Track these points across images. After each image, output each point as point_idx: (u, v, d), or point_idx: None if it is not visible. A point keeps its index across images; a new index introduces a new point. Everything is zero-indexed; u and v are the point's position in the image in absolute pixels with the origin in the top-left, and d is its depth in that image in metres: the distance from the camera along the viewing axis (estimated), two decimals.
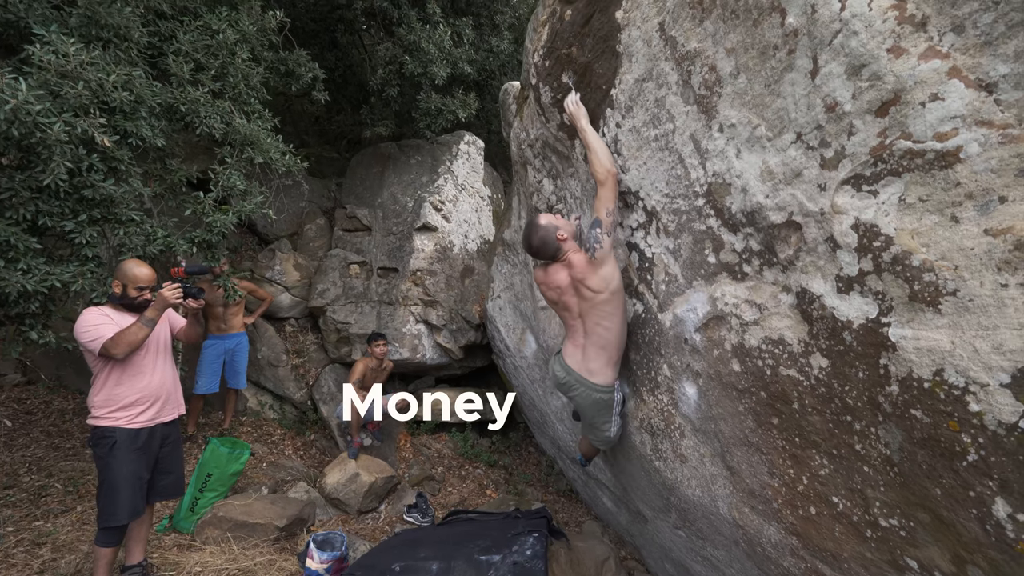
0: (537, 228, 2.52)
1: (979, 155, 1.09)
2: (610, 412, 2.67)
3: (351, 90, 7.56)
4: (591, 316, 2.47)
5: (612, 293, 2.41)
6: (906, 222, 1.23)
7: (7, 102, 2.61)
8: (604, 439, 2.81)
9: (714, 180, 1.89)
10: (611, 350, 2.50)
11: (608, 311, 2.43)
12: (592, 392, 2.56)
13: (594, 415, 2.68)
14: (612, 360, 2.53)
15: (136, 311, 2.98)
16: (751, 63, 1.61)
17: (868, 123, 1.28)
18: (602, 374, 2.53)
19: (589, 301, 2.45)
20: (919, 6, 1.16)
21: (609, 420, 2.69)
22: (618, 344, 2.50)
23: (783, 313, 1.66)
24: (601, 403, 2.59)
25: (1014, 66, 1.04)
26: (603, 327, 2.45)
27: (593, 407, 2.63)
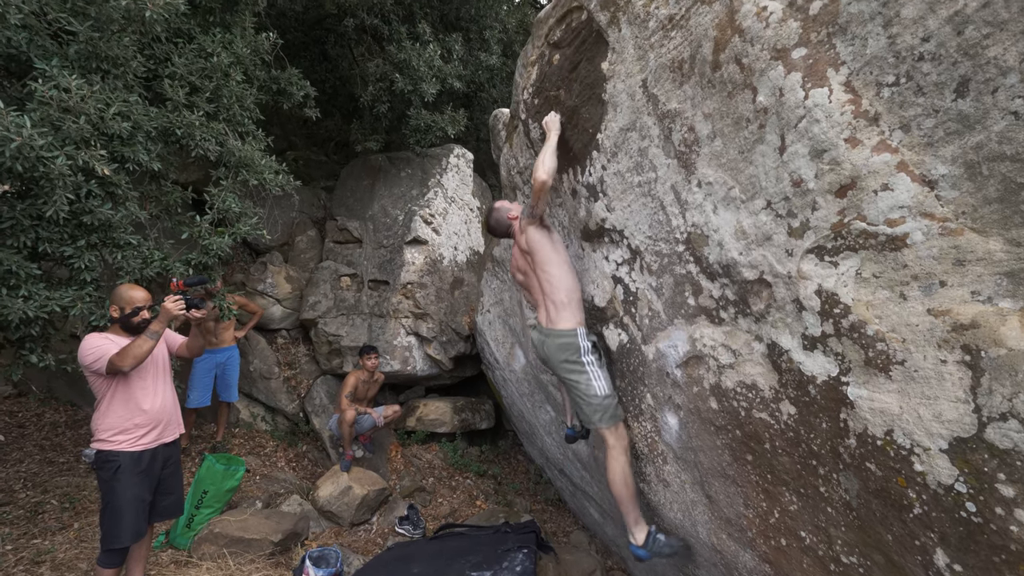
0: (493, 210, 3.09)
1: (923, 243, 1.22)
2: (578, 356, 2.65)
3: (341, 100, 7.64)
4: (541, 277, 2.77)
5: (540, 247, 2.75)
6: (862, 294, 1.36)
7: (12, 140, 2.67)
8: (595, 400, 2.63)
9: (693, 230, 2.02)
10: (564, 300, 2.71)
11: (550, 270, 2.73)
12: (557, 339, 2.69)
13: (569, 372, 2.68)
14: (568, 309, 2.72)
15: (136, 332, 3.05)
16: (726, 130, 1.74)
17: (829, 201, 1.41)
18: (562, 320, 2.70)
19: (535, 265, 2.79)
20: (872, 103, 1.30)
21: (583, 370, 2.64)
22: (568, 292, 2.72)
23: (756, 360, 1.80)
24: (568, 347, 2.65)
25: (951, 168, 1.17)
26: (551, 285, 2.73)
27: (561, 355, 2.68)
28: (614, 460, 2.60)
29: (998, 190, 1.10)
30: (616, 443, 2.62)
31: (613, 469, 2.60)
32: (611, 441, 2.62)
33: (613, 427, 2.64)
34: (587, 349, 2.69)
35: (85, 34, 3.10)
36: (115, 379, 2.97)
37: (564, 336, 2.67)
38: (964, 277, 1.17)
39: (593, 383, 2.64)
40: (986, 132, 1.10)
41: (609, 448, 2.63)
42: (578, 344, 2.66)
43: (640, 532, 2.60)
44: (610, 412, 2.64)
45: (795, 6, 1.42)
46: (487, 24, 7.15)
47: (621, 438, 2.64)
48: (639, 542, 2.58)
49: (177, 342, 3.42)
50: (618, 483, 2.58)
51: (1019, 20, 1.00)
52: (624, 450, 2.62)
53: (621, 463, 2.59)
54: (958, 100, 1.14)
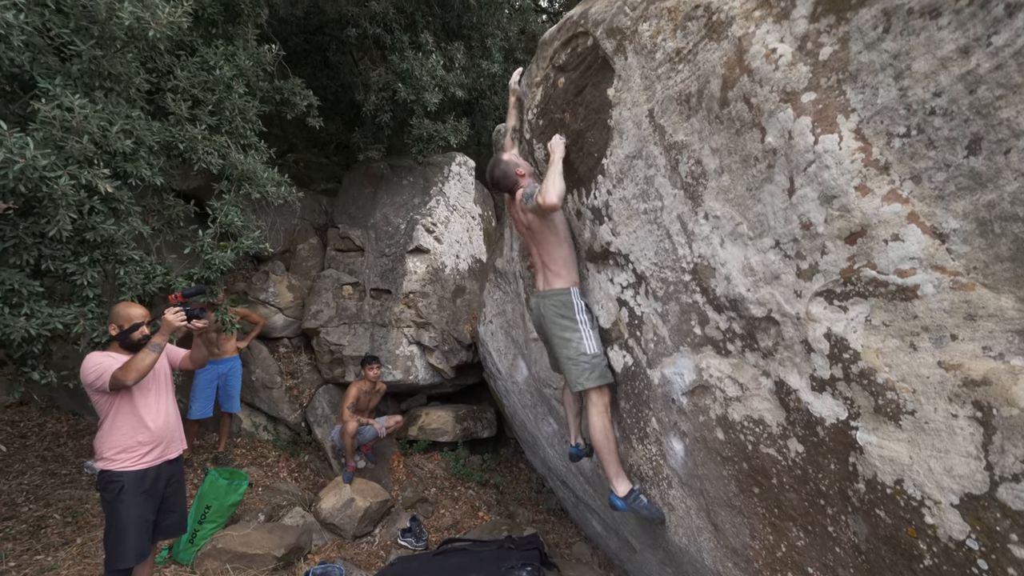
0: (499, 162, 2.97)
1: (934, 295, 1.22)
2: (573, 313, 2.79)
3: (343, 107, 7.64)
4: (540, 250, 2.90)
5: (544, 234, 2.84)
6: (872, 341, 1.36)
7: (16, 162, 2.67)
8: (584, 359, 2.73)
9: (700, 261, 2.02)
10: (560, 266, 2.88)
11: (548, 248, 2.87)
12: (553, 298, 2.84)
13: (562, 330, 2.79)
14: (561, 272, 2.87)
15: (136, 349, 3.04)
16: (734, 166, 1.74)
17: (839, 247, 1.41)
18: (558, 282, 2.87)
19: (533, 238, 2.89)
20: (882, 152, 1.29)
21: (577, 328, 2.77)
22: (563, 261, 2.88)
23: (763, 396, 1.80)
24: (563, 304, 2.81)
25: (963, 223, 1.17)
26: (550, 257, 2.87)
27: (557, 312, 2.82)
28: (596, 416, 2.75)
29: (1010, 249, 1.10)
30: (599, 401, 2.76)
31: (595, 425, 2.75)
32: (595, 399, 2.76)
33: (598, 388, 2.76)
34: (581, 308, 2.84)
35: (88, 53, 3.09)
36: (118, 397, 2.96)
37: (559, 295, 2.83)
38: (976, 332, 1.17)
39: (584, 341, 2.76)
40: (998, 191, 1.10)
41: (592, 405, 2.77)
42: (572, 301, 2.81)
43: (622, 485, 2.74)
44: (598, 371, 2.75)
45: (805, 50, 1.42)
46: (489, 31, 7.14)
47: (604, 395, 2.77)
48: (620, 494, 2.73)
49: (180, 356, 3.41)
50: (599, 437, 2.74)
51: None
52: (605, 407, 2.77)
53: (603, 419, 2.74)
54: (970, 157, 1.14)
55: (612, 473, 2.76)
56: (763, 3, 1.52)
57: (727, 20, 1.63)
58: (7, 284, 3.07)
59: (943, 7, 1.11)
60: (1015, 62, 1.02)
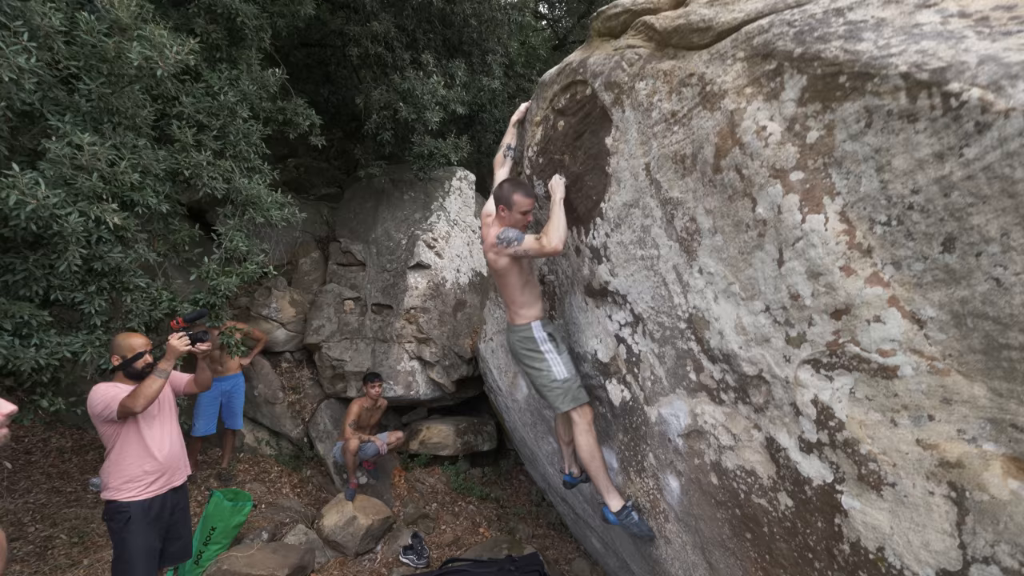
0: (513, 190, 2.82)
1: (912, 377, 1.29)
2: (536, 345, 2.88)
3: (343, 119, 7.72)
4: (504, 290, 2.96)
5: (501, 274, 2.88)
6: (856, 412, 1.43)
7: (28, 203, 2.74)
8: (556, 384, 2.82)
9: (695, 312, 2.09)
10: (519, 305, 2.94)
11: (510, 291, 2.92)
12: (516, 333, 2.96)
13: (531, 361, 2.90)
14: (521, 310, 2.95)
15: (140, 378, 3.09)
16: (727, 228, 1.81)
17: (825, 320, 1.48)
18: (519, 318, 2.95)
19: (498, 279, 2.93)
20: (865, 236, 1.36)
21: (544, 358, 2.86)
22: (524, 300, 2.94)
23: (755, 448, 1.87)
24: (528, 340, 2.91)
25: (939, 313, 1.24)
26: (511, 296, 2.93)
27: (523, 347, 2.94)
28: (580, 435, 2.82)
29: (982, 343, 1.17)
30: (580, 420, 2.82)
31: (580, 444, 2.82)
32: (576, 419, 2.83)
33: (578, 408, 2.83)
34: (543, 339, 2.92)
35: (97, 91, 3.15)
36: (124, 426, 3.02)
37: (521, 331, 2.94)
38: (951, 415, 1.24)
39: (553, 368, 2.85)
40: (971, 289, 1.17)
41: (575, 425, 2.84)
42: (533, 336, 2.90)
43: (615, 501, 2.84)
44: (571, 395, 2.83)
45: (793, 131, 1.49)
46: (489, 47, 7.20)
47: (585, 415, 2.84)
48: (613, 509, 2.83)
49: (183, 381, 3.47)
50: (586, 455, 2.82)
51: (1000, 199, 1.07)
52: (588, 426, 2.83)
53: (587, 437, 2.81)
54: (945, 254, 1.20)
55: (603, 488, 2.85)
56: (754, 81, 1.58)
57: (720, 92, 1.70)
58: (17, 317, 3.13)
59: (920, 114, 1.17)
60: (984, 176, 1.09)
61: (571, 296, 3.30)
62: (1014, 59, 1.03)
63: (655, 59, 2.07)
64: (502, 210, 2.82)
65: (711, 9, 1.79)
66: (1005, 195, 1.06)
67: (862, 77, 1.27)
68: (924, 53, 1.16)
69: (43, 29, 2.93)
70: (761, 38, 1.55)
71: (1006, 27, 1.11)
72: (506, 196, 2.79)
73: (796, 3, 1.52)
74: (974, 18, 1.18)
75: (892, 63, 1.20)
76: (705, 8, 1.82)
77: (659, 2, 2.14)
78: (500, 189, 2.87)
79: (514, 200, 2.77)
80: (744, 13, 1.67)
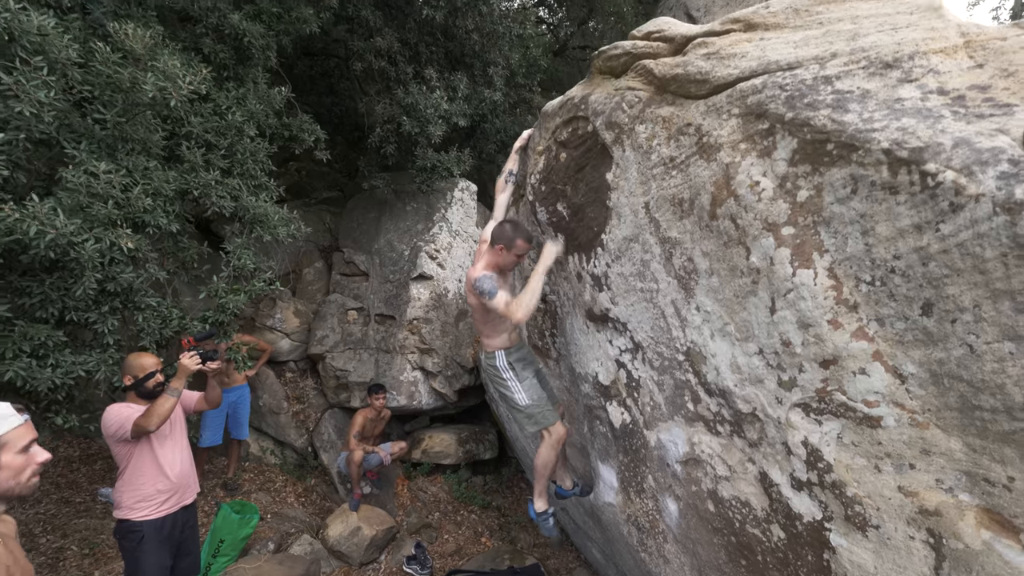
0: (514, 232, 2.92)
1: (895, 428, 1.38)
2: (500, 373, 3.09)
3: (347, 129, 7.81)
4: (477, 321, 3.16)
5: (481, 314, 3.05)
6: (843, 456, 1.52)
7: (47, 233, 2.82)
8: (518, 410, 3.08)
9: (692, 346, 2.18)
10: (484, 332, 3.17)
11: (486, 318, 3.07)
12: (486, 361, 3.19)
13: (499, 386, 3.14)
14: (485, 338, 3.18)
15: (152, 398, 3.17)
16: (723, 272, 1.90)
17: (814, 368, 1.57)
18: (489, 346, 3.18)
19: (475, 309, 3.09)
20: (852, 292, 1.45)
21: (508, 385, 3.08)
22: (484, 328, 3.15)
23: (749, 481, 1.96)
24: (493, 367, 3.14)
25: (919, 370, 1.33)
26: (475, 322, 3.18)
27: (492, 373, 3.18)
28: (544, 448, 3.11)
29: (957, 402, 1.26)
30: (548, 438, 3.08)
31: (541, 454, 3.12)
32: (544, 436, 3.09)
33: (546, 429, 3.07)
34: (504, 367, 3.12)
35: (113, 120, 3.24)
36: (137, 446, 3.09)
37: (490, 358, 3.16)
38: (930, 465, 1.33)
39: (517, 395, 3.07)
40: (947, 352, 1.25)
41: (542, 440, 3.11)
42: (497, 364, 3.11)
43: (542, 504, 3.25)
44: (535, 419, 3.06)
45: (785, 189, 1.58)
46: (491, 59, 7.28)
47: (552, 433, 3.07)
48: (538, 509, 3.26)
49: (193, 399, 3.55)
50: (540, 464, 3.14)
51: (972, 274, 1.16)
52: (555, 444, 3.08)
53: (550, 452, 3.10)
54: (923, 317, 1.29)
55: (537, 493, 3.25)
56: (748, 138, 1.67)
57: (716, 145, 1.78)
58: (35, 339, 3.22)
59: (900, 188, 1.26)
60: (958, 252, 1.17)
61: (572, 317, 3.39)
62: (985, 145, 1.12)
63: (654, 103, 2.15)
64: (500, 248, 2.91)
65: (708, 62, 1.88)
66: (976, 271, 1.15)
67: (848, 147, 1.36)
68: (904, 131, 1.25)
69: (61, 61, 3.01)
70: (755, 98, 1.63)
71: (979, 109, 1.20)
72: (509, 238, 2.88)
73: (788, 66, 1.61)
74: (951, 96, 1.27)
75: (875, 138, 1.28)
76: (702, 61, 1.90)
77: (658, 47, 2.22)
78: (503, 229, 2.93)
79: (516, 244, 2.88)
80: (739, 70, 1.75)
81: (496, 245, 2.94)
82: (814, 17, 1.72)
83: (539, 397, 3.08)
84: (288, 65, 6.46)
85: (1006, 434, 1.17)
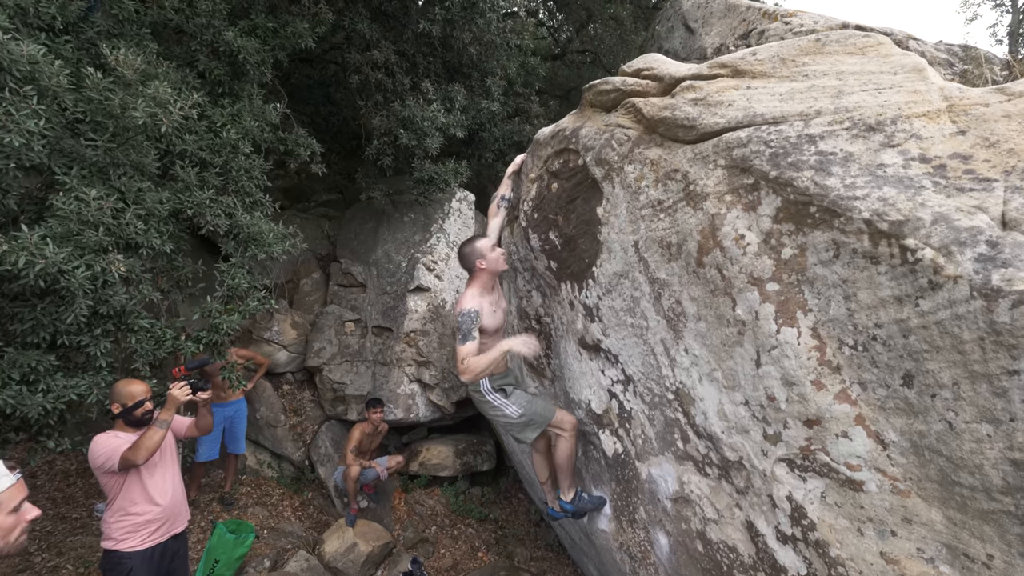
0: (469, 243, 3.14)
1: (877, 493, 1.37)
2: (487, 398, 3.09)
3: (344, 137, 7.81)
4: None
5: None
6: (826, 516, 1.51)
7: (37, 263, 2.82)
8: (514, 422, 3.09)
9: (681, 387, 2.17)
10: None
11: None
12: (472, 389, 3.16)
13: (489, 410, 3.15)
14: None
15: (140, 426, 3.15)
16: (710, 318, 1.89)
17: (798, 426, 1.56)
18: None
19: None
20: (835, 355, 1.44)
21: (496, 406, 3.08)
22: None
23: (736, 527, 1.95)
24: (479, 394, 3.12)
25: (900, 438, 1.32)
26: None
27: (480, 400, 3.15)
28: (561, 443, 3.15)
29: (938, 475, 1.25)
30: (560, 432, 3.12)
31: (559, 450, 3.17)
32: (555, 433, 3.14)
33: (552, 425, 3.09)
34: (488, 390, 3.10)
35: (104, 145, 3.23)
36: (127, 476, 3.06)
37: (473, 388, 3.14)
38: (911, 534, 1.32)
39: (507, 410, 3.06)
40: (927, 425, 1.25)
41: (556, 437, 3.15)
42: (481, 388, 3.09)
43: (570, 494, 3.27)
44: (535, 422, 3.06)
45: (769, 245, 1.57)
46: (489, 69, 7.27)
47: (563, 425, 3.12)
48: (568, 499, 3.27)
49: (184, 425, 3.52)
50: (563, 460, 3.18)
51: (951, 352, 1.15)
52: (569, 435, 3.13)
53: (566, 446, 3.14)
54: (904, 387, 1.28)
55: (565, 486, 3.26)
56: (734, 191, 1.66)
57: (702, 194, 1.77)
58: (25, 366, 3.21)
59: (881, 259, 1.25)
60: (937, 329, 1.17)
61: (567, 343, 3.38)
62: (964, 224, 1.11)
63: (643, 143, 2.14)
64: (480, 263, 3.00)
65: (695, 108, 1.87)
66: (955, 351, 1.14)
67: (830, 213, 1.35)
68: (885, 201, 1.24)
69: (51, 89, 3.01)
70: (740, 152, 1.62)
71: (960, 181, 1.19)
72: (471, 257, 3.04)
73: (773, 120, 1.60)
74: (933, 164, 1.26)
75: (856, 207, 1.28)
76: (690, 106, 1.89)
77: (647, 86, 2.21)
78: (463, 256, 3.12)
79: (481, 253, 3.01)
80: (725, 119, 1.74)
81: (476, 267, 3.04)
82: (800, 68, 1.71)
83: (528, 402, 3.11)
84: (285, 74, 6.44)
85: (985, 512, 1.17)
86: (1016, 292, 1.01)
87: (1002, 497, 1.12)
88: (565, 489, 3.25)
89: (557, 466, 3.22)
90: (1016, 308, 1.01)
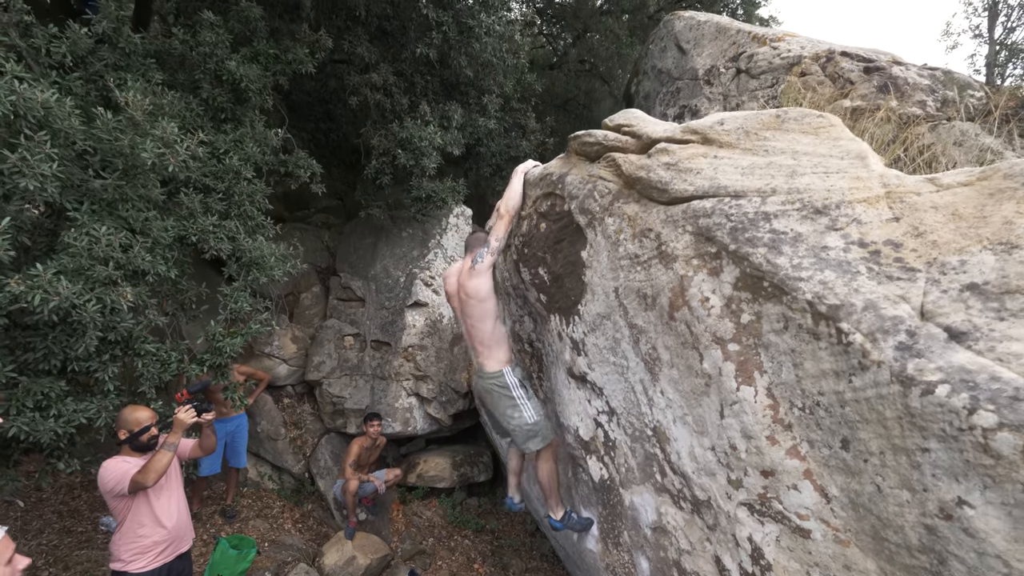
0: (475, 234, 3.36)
1: (822, 541, 1.52)
2: (511, 391, 3.12)
3: (344, 152, 7.96)
4: (469, 317, 3.16)
5: (481, 300, 3.07)
6: (780, 559, 1.66)
7: (51, 300, 2.97)
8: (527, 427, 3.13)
9: (658, 426, 2.32)
10: (488, 345, 3.16)
11: (478, 314, 3.10)
12: (489, 380, 3.16)
13: (505, 407, 3.15)
14: (492, 353, 3.18)
15: (147, 451, 3.28)
16: (681, 367, 2.04)
17: (756, 475, 1.71)
18: (491, 364, 3.17)
19: (465, 303, 3.13)
20: (787, 414, 1.59)
21: (516, 404, 3.12)
22: (491, 341, 3.16)
23: (707, 560, 2.10)
24: (501, 386, 3.14)
25: (840, 494, 1.47)
26: (477, 328, 3.14)
27: (495, 394, 3.19)
28: (543, 463, 3.26)
29: (871, 530, 1.40)
30: (546, 453, 3.25)
31: (542, 471, 3.29)
32: (542, 454, 3.24)
33: (545, 448, 3.20)
34: (515, 384, 3.18)
35: (113, 183, 3.38)
36: (135, 499, 3.20)
37: (496, 378, 3.15)
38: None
39: (525, 413, 3.12)
40: (861, 486, 1.39)
41: (540, 458, 3.26)
42: (507, 381, 3.13)
43: (559, 511, 3.38)
44: (541, 436, 3.16)
45: (731, 308, 1.72)
46: (486, 88, 7.42)
47: (549, 449, 3.24)
48: (558, 518, 3.37)
49: (188, 447, 3.67)
50: (546, 480, 3.31)
51: (877, 426, 1.30)
52: (552, 455, 3.27)
53: (548, 466, 3.27)
54: (843, 450, 1.43)
55: (553, 505, 3.37)
56: (700, 256, 1.81)
57: (672, 255, 1.92)
58: (37, 393, 3.36)
59: (821, 336, 1.40)
60: (866, 405, 1.31)
61: (556, 369, 3.53)
62: (889, 313, 1.26)
63: (622, 197, 2.29)
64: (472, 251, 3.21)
65: (668, 173, 2.02)
66: (880, 425, 1.29)
67: (779, 290, 1.50)
68: (825, 285, 1.39)
69: (64, 131, 3.15)
70: (704, 221, 1.77)
71: (890, 269, 1.34)
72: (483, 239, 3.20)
73: (735, 193, 1.75)
74: (869, 250, 1.41)
75: (801, 288, 1.43)
76: (663, 170, 2.04)
77: (627, 143, 2.36)
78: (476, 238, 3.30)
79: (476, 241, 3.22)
80: (694, 187, 1.89)
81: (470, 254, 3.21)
82: (761, 143, 1.86)
83: (542, 412, 3.22)
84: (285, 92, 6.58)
85: (908, 567, 1.32)
86: (925, 382, 1.16)
87: (919, 555, 1.26)
88: (554, 507, 3.37)
89: (543, 487, 3.35)
90: (925, 396, 1.16)
